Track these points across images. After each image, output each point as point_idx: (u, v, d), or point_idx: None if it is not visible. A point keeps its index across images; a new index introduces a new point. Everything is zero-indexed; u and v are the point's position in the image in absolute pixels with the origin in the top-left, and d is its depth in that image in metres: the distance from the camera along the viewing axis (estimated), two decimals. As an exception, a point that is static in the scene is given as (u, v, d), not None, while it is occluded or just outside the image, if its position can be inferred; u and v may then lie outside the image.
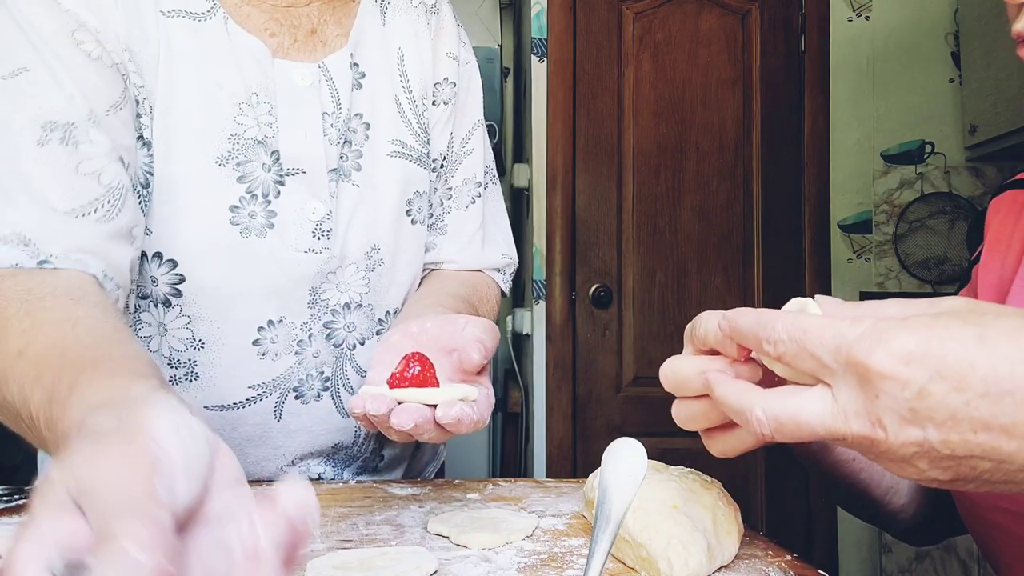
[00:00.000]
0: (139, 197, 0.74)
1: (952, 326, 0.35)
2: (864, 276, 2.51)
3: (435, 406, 0.56)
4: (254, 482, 0.82)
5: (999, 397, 0.33)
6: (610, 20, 2.49)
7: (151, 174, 0.75)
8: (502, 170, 2.98)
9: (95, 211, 0.67)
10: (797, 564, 0.56)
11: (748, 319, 0.41)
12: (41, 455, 0.88)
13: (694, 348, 0.47)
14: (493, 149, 3.01)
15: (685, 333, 0.48)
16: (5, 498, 0.74)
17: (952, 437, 0.34)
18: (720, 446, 0.46)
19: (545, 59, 2.47)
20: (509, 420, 2.67)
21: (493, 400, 0.63)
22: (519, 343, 2.68)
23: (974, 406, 0.34)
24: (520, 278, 2.78)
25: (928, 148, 2.53)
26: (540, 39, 2.48)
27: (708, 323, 0.44)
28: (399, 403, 0.56)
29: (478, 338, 0.62)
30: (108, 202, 0.68)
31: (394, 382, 0.58)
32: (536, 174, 2.48)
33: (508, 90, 3.06)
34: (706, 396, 0.44)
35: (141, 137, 0.74)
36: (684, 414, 0.47)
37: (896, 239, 2.50)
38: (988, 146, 2.37)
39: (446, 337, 0.64)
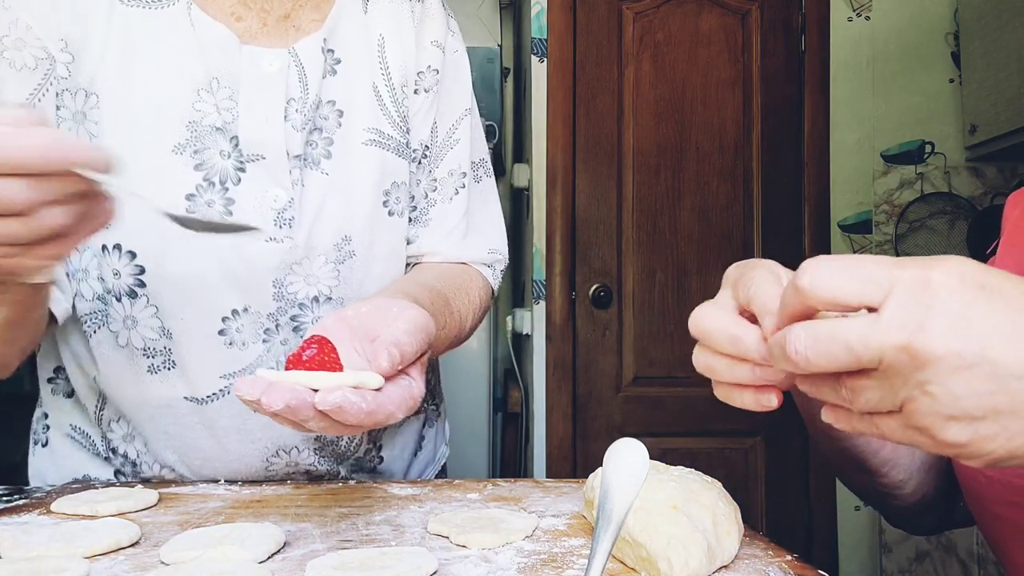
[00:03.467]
0: None
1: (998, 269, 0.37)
2: (864, 276, 2.51)
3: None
4: (240, 482, 0.82)
5: None
6: (610, 20, 2.49)
7: None
8: (502, 170, 2.98)
9: None
10: (797, 564, 0.56)
11: (778, 303, 0.41)
12: (31, 454, 0.88)
13: (736, 302, 0.46)
14: (493, 149, 2.98)
15: (728, 275, 0.48)
16: (5, 498, 0.74)
17: (995, 351, 0.34)
18: (726, 394, 0.47)
19: (545, 59, 2.47)
20: (509, 420, 2.67)
21: (418, 394, 0.57)
22: (519, 343, 2.68)
23: (1022, 321, 0.35)
24: (520, 278, 2.78)
25: (928, 148, 2.53)
26: (540, 39, 2.48)
27: (760, 293, 0.43)
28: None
29: (394, 340, 0.56)
30: None
31: (289, 364, 0.54)
32: (536, 174, 2.48)
33: (508, 90, 3.06)
34: (726, 356, 0.45)
35: None
36: (703, 363, 0.47)
37: (896, 239, 2.50)
38: (988, 146, 2.37)
39: (375, 324, 0.60)
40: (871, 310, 0.37)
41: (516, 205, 2.90)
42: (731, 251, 2.47)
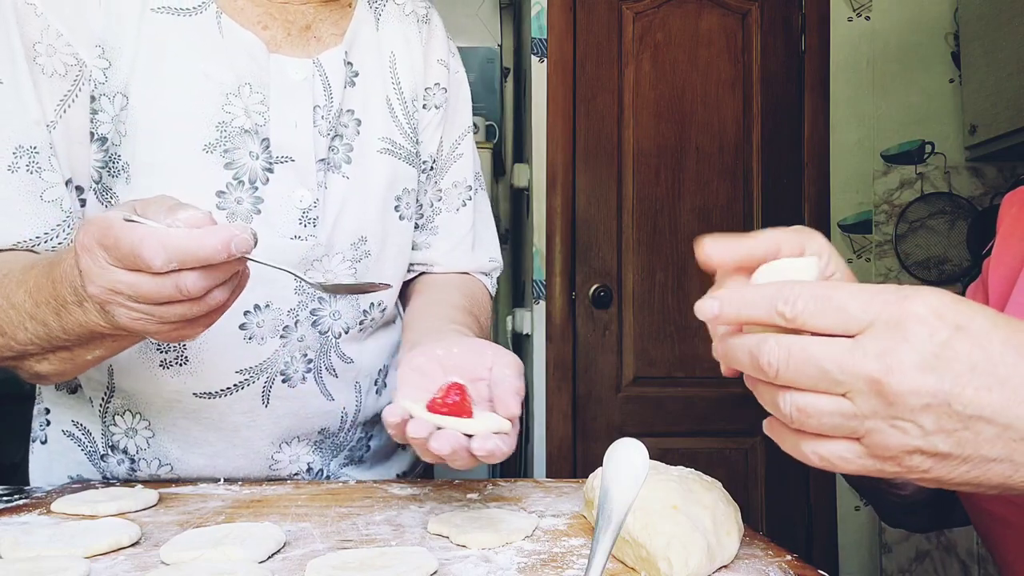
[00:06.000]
0: (94, 193, 0.77)
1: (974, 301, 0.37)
2: (864, 276, 2.51)
3: (471, 436, 0.58)
4: (249, 481, 0.82)
5: (1017, 358, 0.35)
6: (610, 20, 2.49)
7: (104, 168, 0.77)
8: (502, 170, 2.98)
9: (56, 237, 0.74)
10: (797, 564, 0.56)
11: (759, 289, 0.41)
12: (31, 452, 0.88)
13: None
14: (493, 149, 3.00)
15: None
16: (5, 498, 0.74)
17: (967, 392, 0.35)
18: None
19: (545, 59, 2.47)
20: (509, 420, 2.67)
21: (518, 428, 0.64)
22: (519, 343, 2.68)
23: (994, 362, 0.35)
24: (520, 278, 2.78)
25: (928, 148, 2.53)
26: (540, 39, 2.48)
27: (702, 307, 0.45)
28: (437, 428, 0.58)
29: (516, 388, 0.62)
30: (69, 227, 0.73)
31: (433, 407, 0.59)
32: (536, 174, 2.48)
33: (508, 90, 3.06)
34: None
35: (92, 134, 0.76)
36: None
37: (896, 239, 2.50)
38: (988, 146, 2.37)
39: (471, 366, 0.65)
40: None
41: (516, 205, 2.90)
42: (731, 251, 2.46)
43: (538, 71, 2.48)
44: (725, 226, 2.47)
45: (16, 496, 0.75)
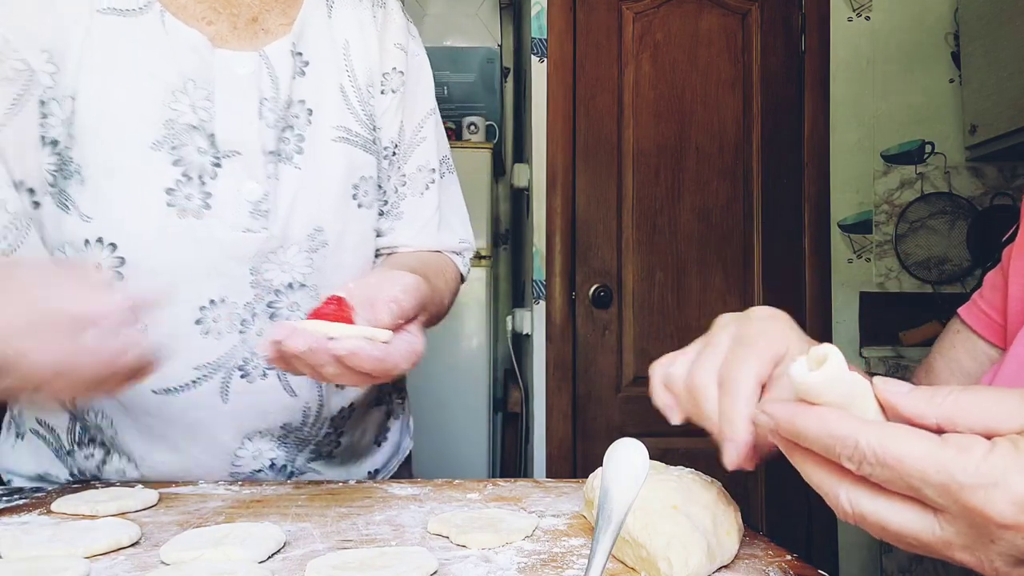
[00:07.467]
0: (50, 197, 0.77)
1: None
2: (864, 276, 2.51)
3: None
4: (252, 481, 0.82)
5: None
6: (610, 20, 2.49)
7: (58, 171, 0.77)
8: (502, 170, 2.98)
9: (5, 239, 0.74)
10: (797, 564, 0.56)
11: (814, 425, 0.37)
12: (11, 448, 0.88)
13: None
14: (493, 149, 2.99)
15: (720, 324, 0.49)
16: (5, 498, 0.74)
17: None
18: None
19: (545, 59, 2.47)
20: (509, 420, 2.68)
21: (419, 348, 0.67)
22: (519, 343, 2.68)
23: None
24: (520, 278, 2.78)
25: (928, 148, 2.53)
26: (540, 39, 2.48)
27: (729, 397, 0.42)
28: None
29: (392, 297, 0.66)
30: (15, 228, 0.73)
31: (310, 317, 0.61)
32: (536, 174, 2.48)
33: (508, 90, 3.06)
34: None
35: (44, 138, 0.76)
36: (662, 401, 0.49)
37: (896, 239, 2.50)
38: (988, 146, 2.37)
39: (372, 291, 0.68)
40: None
41: (516, 205, 2.90)
42: (731, 251, 2.47)
43: (538, 71, 2.48)
44: (725, 226, 2.48)
45: (16, 496, 0.75)
